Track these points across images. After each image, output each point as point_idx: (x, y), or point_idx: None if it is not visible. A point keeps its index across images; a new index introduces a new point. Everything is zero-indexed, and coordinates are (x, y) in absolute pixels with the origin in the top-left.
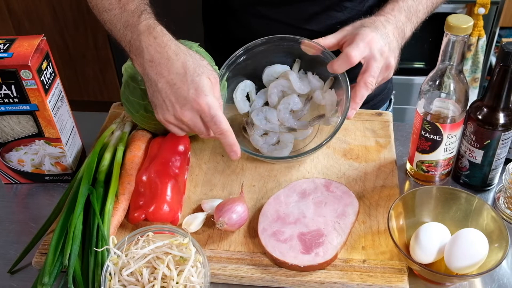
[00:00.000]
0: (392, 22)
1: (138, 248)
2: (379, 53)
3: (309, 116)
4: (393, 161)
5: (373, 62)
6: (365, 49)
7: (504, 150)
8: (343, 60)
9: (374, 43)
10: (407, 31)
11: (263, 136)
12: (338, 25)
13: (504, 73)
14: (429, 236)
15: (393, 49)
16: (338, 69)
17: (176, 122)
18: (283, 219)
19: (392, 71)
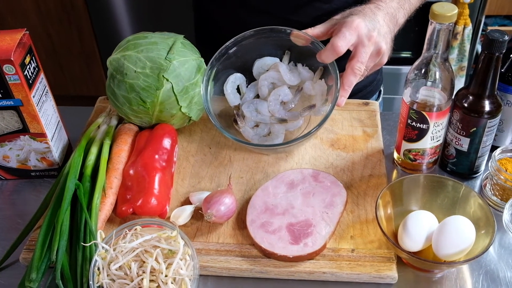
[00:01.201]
0: (382, 9)
1: (126, 242)
2: (366, 39)
3: (300, 107)
4: (381, 150)
5: (360, 48)
6: (351, 36)
7: (490, 138)
8: (329, 51)
9: (361, 29)
10: (399, 17)
11: (254, 128)
12: (324, 17)
13: (489, 60)
14: (416, 224)
15: (384, 34)
16: (326, 59)
17: None
18: (272, 210)
19: (385, 57)
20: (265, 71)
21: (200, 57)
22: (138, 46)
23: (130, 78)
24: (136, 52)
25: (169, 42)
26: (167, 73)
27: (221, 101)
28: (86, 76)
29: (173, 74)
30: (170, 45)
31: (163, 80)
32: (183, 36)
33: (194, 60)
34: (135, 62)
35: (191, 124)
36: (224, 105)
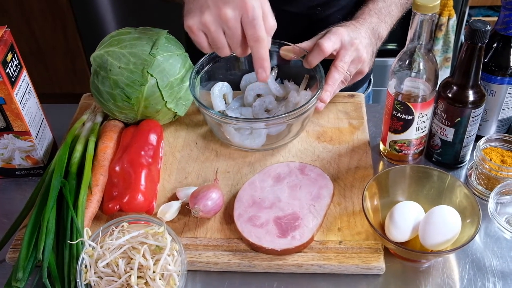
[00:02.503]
0: (363, 24)
1: (113, 239)
2: (349, 44)
3: None
4: (367, 142)
5: (343, 51)
6: (336, 41)
7: (475, 127)
8: (316, 52)
9: (344, 36)
10: (381, 31)
11: (237, 130)
12: (318, 7)
13: (472, 50)
14: (403, 215)
15: (365, 45)
16: (313, 61)
17: (213, 24)
18: (259, 204)
19: (366, 66)
20: None
21: (184, 52)
22: (121, 42)
23: (114, 74)
24: (119, 48)
25: (153, 38)
26: (151, 69)
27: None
28: (71, 73)
29: (158, 70)
30: (154, 41)
31: (147, 75)
32: (167, 31)
33: (179, 55)
34: (118, 58)
35: (176, 120)
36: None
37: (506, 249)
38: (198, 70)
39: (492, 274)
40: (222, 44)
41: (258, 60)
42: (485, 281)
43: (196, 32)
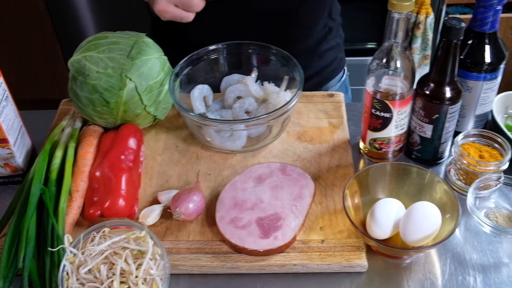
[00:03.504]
0: None
1: (95, 245)
2: None
3: None
4: (347, 140)
5: None
6: None
7: (452, 123)
8: None
9: None
10: None
11: (217, 132)
12: None
13: (448, 48)
14: (384, 212)
15: None
16: None
17: None
18: (240, 205)
19: None
20: None
21: (163, 55)
22: (99, 47)
23: (92, 79)
24: (97, 53)
25: (131, 41)
26: (130, 73)
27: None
28: (51, 79)
29: (136, 73)
30: (132, 44)
31: (126, 79)
32: (145, 34)
33: (157, 58)
34: (96, 62)
35: (157, 123)
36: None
37: (486, 243)
38: (177, 73)
39: (473, 267)
40: None
41: None
42: (465, 275)
43: (167, 9)
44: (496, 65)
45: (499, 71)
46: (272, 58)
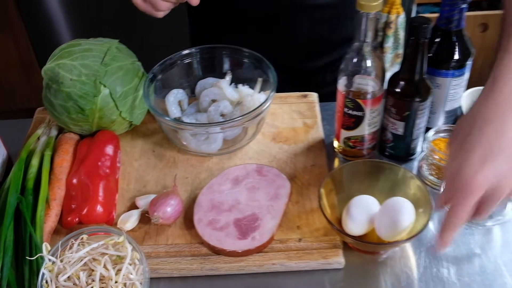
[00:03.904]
0: None
1: (73, 252)
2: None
3: None
4: (321, 140)
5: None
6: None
7: (423, 120)
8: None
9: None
10: None
11: (193, 135)
12: None
13: (416, 46)
14: (359, 209)
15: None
16: None
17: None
18: (218, 207)
19: None
20: None
21: (137, 61)
22: (72, 54)
23: (66, 86)
24: (70, 60)
25: (104, 48)
26: (103, 79)
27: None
28: (26, 88)
29: (110, 80)
30: (105, 51)
31: (100, 86)
32: (118, 41)
33: (131, 64)
34: (70, 70)
35: (133, 129)
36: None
37: (458, 235)
38: (151, 79)
39: (446, 260)
40: None
41: None
42: (439, 267)
43: (138, 2)
44: (463, 62)
45: (466, 67)
46: (245, 61)
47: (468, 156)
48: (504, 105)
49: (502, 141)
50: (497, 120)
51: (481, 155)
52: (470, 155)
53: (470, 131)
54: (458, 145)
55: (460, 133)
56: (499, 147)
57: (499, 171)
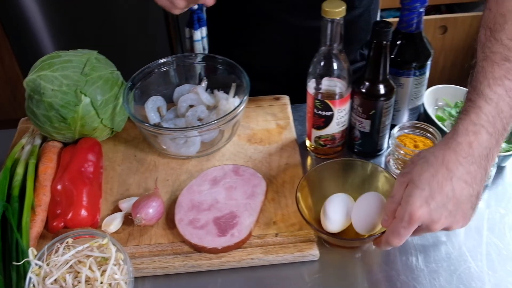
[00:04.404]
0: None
1: (59, 256)
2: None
3: None
4: (294, 140)
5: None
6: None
7: (388, 118)
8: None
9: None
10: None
11: (172, 140)
12: None
13: (378, 48)
14: (334, 208)
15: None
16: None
17: None
18: (198, 207)
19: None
20: None
21: (116, 70)
22: (52, 65)
23: (48, 97)
24: (51, 71)
25: (83, 59)
26: (84, 89)
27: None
28: (11, 99)
29: (91, 89)
30: (85, 62)
31: (81, 95)
32: (97, 52)
33: (110, 73)
34: (51, 81)
35: (114, 135)
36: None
37: None
38: (130, 87)
39: (414, 248)
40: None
41: None
42: (408, 255)
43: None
44: (424, 62)
45: (427, 67)
46: (219, 67)
47: (416, 193)
48: (458, 156)
49: (445, 188)
50: (448, 169)
51: (427, 196)
52: (418, 192)
53: (426, 169)
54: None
55: (418, 164)
56: (440, 192)
57: (436, 213)
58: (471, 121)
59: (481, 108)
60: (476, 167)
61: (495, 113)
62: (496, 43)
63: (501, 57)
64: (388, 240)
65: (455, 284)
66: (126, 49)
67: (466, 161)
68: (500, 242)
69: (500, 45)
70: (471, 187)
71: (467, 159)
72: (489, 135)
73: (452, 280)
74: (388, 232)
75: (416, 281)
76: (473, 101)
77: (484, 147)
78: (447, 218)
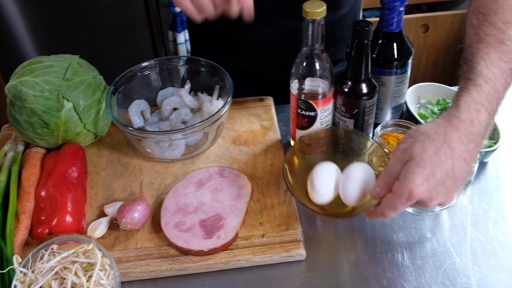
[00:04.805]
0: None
1: (44, 262)
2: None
3: None
4: (278, 140)
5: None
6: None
7: (371, 116)
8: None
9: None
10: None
11: (156, 143)
12: None
13: (360, 47)
14: (322, 178)
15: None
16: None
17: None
18: (184, 210)
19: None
20: None
21: (98, 75)
22: (34, 71)
23: (30, 103)
24: (32, 77)
25: (65, 64)
26: (66, 94)
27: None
28: None
29: (73, 94)
30: (66, 67)
31: (63, 100)
32: (79, 56)
33: (93, 78)
34: (32, 86)
35: (98, 140)
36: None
37: (409, 222)
38: (113, 91)
39: (400, 245)
40: (205, 4)
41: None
42: (394, 252)
43: (183, 2)
44: (405, 61)
45: (408, 65)
46: (202, 70)
47: (417, 171)
48: (460, 134)
49: (445, 166)
50: (450, 147)
51: (427, 173)
52: (420, 170)
53: (428, 146)
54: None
55: (419, 140)
56: (441, 171)
57: (435, 190)
58: (473, 98)
59: (481, 87)
60: (474, 145)
61: (493, 93)
62: (490, 26)
63: (496, 39)
64: (384, 213)
65: (440, 280)
66: (109, 53)
67: (467, 139)
68: (484, 237)
69: (495, 28)
70: (468, 165)
71: (468, 137)
72: (488, 114)
73: (438, 276)
74: (384, 205)
75: (402, 278)
76: (473, 80)
77: (483, 125)
78: (444, 195)
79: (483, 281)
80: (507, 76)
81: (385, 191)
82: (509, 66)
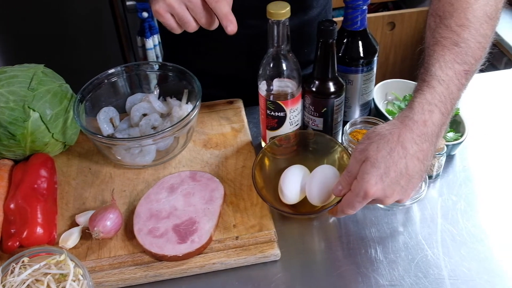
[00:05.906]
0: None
1: (15, 276)
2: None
3: None
4: (249, 142)
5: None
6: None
7: (340, 114)
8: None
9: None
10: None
11: (127, 150)
12: None
13: (325, 47)
14: (290, 179)
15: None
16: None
17: (176, 2)
18: (156, 215)
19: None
20: None
21: (65, 83)
22: None
23: None
24: None
25: (30, 73)
26: (32, 104)
27: (94, 127)
28: None
29: (39, 104)
30: (31, 76)
31: (29, 111)
32: (44, 65)
33: (59, 86)
34: None
35: (68, 149)
36: (97, 129)
37: (381, 217)
38: (80, 99)
39: (373, 240)
40: (187, 19)
41: (224, 16)
42: (367, 248)
43: (164, 14)
44: (371, 58)
45: (374, 63)
46: (170, 74)
47: (372, 171)
48: (413, 134)
49: (399, 165)
50: (403, 147)
51: (381, 173)
52: (374, 170)
53: (382, 147)
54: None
55: (375, 141)
56: (395, 170)
57: (389, 189)
58: (427, 100)
59: (435, 88)
60: (428, 144)
61: (446, 94)
62: (446, 29)
63: (451, 42)
64: (343, 210)
65: (413, 273)
66: (77, 61)
67: (420, 140)
68: (454, 228)
69: (450, 31)
70: (422, 164)
71: (421, 137)
72: (441, 114)
73: (411, 269)
74: (343, 203)
75: (376, 273)
76: (427, 82)
77: (436, 125)
78: (399, 193)
79: (454, 271)
80: (461, 78)
81: (346, 189)
82: (463, 67)
